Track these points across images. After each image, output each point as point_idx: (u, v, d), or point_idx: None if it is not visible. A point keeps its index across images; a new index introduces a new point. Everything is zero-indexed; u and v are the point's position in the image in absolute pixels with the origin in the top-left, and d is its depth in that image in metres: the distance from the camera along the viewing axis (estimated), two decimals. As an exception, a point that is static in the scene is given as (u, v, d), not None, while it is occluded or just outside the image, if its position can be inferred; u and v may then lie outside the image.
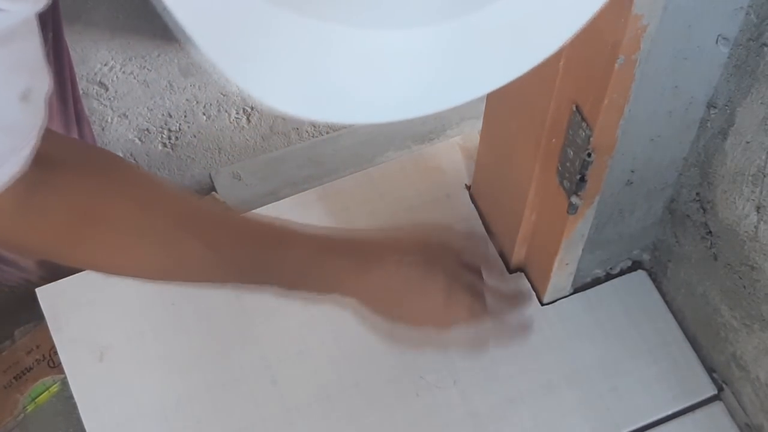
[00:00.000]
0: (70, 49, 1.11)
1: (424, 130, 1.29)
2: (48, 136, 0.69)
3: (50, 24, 1.00)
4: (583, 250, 0.92)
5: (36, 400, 1.13)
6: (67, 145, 0.76)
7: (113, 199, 0.75)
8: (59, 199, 0.72)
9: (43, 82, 0.64)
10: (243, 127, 1.39)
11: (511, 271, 1.02)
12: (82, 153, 0.76)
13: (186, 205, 0.79)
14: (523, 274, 1.02)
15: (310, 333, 0.98)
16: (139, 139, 1.40)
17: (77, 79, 1.15)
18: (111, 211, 0.74)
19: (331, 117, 0.41)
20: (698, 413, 0.96)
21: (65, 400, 1.12)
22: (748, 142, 0.78)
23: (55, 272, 1.09)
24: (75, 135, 1.12)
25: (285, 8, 0.37)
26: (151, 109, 1.40)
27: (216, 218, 0.81)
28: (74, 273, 1.01)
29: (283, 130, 1.39)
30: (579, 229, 0.88)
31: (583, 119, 0.77)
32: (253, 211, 1.09)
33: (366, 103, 0.41)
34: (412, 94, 0.41)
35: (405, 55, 0.39)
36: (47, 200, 0.71)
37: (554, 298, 1.00)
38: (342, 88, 0.40)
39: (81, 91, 1.37)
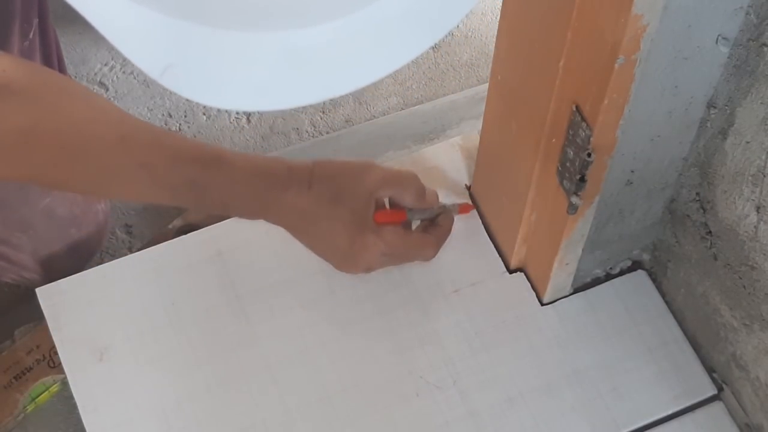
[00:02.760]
0: (72, 48, 1.11)
1: (424, 130, 1.29)
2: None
3: (36, 9, 0.99)
4: (583, 250, 0.92)
5: (36, 400, 1.13)
6: (15, 68, 0.79)
7: (51, 121, 0.79)
8: (2, 123, 0.77)
9: None
10: (243, 127, 1.39)
11: (511, 271, 1.02)
12: (28, 76, 0.79)
13: (122, 126, 0.83)
14: (523, 274, 1.02)
15: (310, 333, 0.98)
16: (139, 139, 1.40)
17: (66, 67, 1.14)
18: (48, 133, 0.79)
19: (257, 107, 0.49)
20: (698, 413, 0.96)
21: (65, 400, 1.12)
22: (748, 142, 0.78)
23: (51, 271, 1.09)
24: None
25: (205, 25, 0.43)
26: (151, 109, 1.40)
27: (150, 138, 0.84)
28: (71, 274, 1.01)
29: (283, 130, 1.39)
30: (579, 229, 0.88)
31: (583, 119, 0.77)
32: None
33: (286, 92, 0.47)
34: (322, 81, 0.48)
35: (309, 49, 0.46)
36: None
37: (554, 298, 1.00)
38: (262, 83, 0.46)
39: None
